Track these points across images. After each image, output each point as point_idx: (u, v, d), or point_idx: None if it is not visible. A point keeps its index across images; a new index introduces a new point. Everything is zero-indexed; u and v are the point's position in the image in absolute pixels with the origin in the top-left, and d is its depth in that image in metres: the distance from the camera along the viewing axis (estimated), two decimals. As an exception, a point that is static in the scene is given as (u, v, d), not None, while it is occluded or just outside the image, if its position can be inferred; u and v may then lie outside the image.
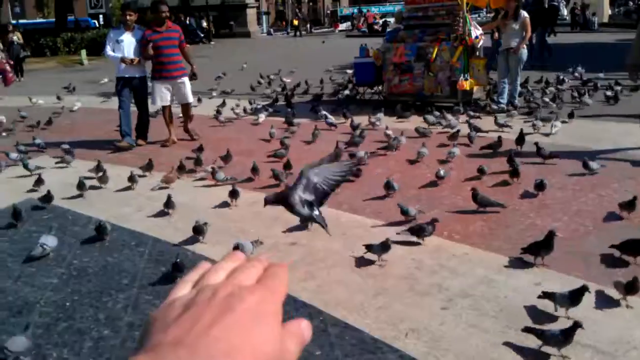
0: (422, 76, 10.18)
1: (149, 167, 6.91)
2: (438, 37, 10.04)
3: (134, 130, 8.62)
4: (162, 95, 8.42)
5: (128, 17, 8.23)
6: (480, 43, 10.18)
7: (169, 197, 5.57)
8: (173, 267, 4.24)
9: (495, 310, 3.67)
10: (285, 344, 0.50)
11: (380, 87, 11.32)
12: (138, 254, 4.79)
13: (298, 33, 39.25)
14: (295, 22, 40.39)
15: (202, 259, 3.68)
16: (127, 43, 8.19)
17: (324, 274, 4.32)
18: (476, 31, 10.18)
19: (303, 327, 0.53)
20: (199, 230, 4.84)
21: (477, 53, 10.10)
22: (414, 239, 4.68)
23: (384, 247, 4.33)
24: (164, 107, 8.62)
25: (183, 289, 0.54)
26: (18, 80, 17.60)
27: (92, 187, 6.45)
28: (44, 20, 39.42)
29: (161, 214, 5.64)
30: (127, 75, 8.32)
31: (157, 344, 0.46)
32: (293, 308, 3.82)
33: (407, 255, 4.48)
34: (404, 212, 5.11)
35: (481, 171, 6.26)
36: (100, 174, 6.61)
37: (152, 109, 8.92)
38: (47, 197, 5.90)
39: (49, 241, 4.72)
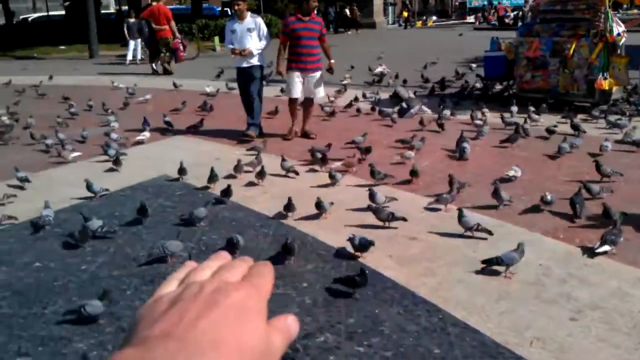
0: (557, 73, 9.68)
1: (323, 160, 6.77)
2: (577, 33, 9.50)
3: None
4: (294, 87, 8.19)
5: (237, 7, 8.14)
6: (623, 40, 9.51)
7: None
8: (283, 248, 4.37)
9: (628, 326, 3.44)
10: (270, 338, 0.50)
11: (510, 82, 10.91)
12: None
13: (408, 25, 39.05)
14: (405, 14, 40.00)
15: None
16: (240, 33, 8.11)
17: (444, 271, 4.24)
18: (618, 28, 9.51)
19: (289, 323, 0.54)
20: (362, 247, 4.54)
21: (619, 51, 9.45)
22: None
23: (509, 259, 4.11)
24: (291, 100, 8.39)
25: (169, 287, 0.55)
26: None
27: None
28: (182, 6, 41.40)
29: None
30: (242, 66, 8.27)
31: (145, 338, 0.46)
32: (412, 302, 3.79)
33: (534, 261, 4.28)
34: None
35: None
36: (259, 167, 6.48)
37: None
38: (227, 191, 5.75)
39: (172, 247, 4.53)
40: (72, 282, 4.22)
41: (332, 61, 8.44)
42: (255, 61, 8.24)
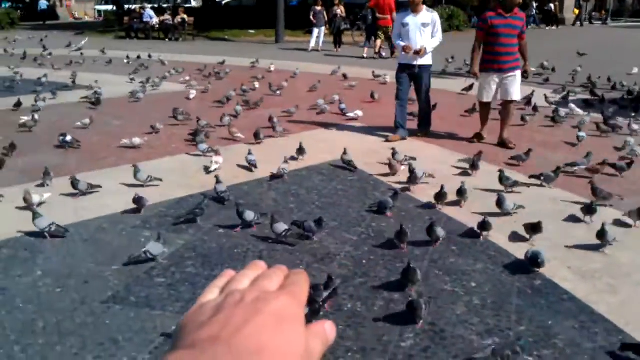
0: None
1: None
2: None
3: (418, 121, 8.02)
4: (488, 89, 7.41)
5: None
6: None
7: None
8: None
9: None
10: (309, 343, 0.53)
11: None
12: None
13: (579, 23, 36.14)
14: (576, 12, 36.95)
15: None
16: (412, 27, 7.44)
17: (629, 290, 3.91)
18: None
19: (327, 328, 0.56)
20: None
21: None
22: None
23: None
24: (483, 104, 7.62)
25: (210, 295, 0.58)
26: (336, 51, 19.18)
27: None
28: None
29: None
30: (410, 63, 7.59)
31: (194, 341, 0.49)
32: (589, 319, 3.55)
33: None
34: None
35: None
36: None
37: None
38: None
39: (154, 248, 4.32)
40: (250, 251, 4.50)
41: (529, 63, 7.69)
42: (427, 61, 7.66)
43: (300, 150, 6.74)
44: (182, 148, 7.34)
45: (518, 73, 7.36)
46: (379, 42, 17.67)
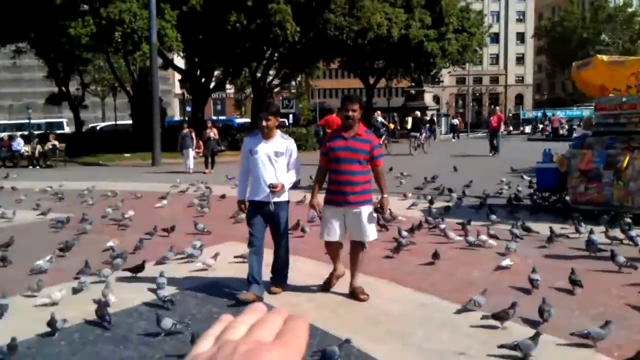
0: (610, 185, 9.51)
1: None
2: (630, 145, 9.40)
3: (272, 273, 6.21)
4: (329, 227, 5.88)
5: (265, 123, 5.91)
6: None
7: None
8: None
9: None
10: None
11: (563, 194, 10.76)
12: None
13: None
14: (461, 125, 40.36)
15: None
16: (262, 155, 5.94)
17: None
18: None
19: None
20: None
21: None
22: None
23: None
24: (328, 243, 6.03)
25: (206, 343, 0.57)
26: (208, 172, 19.38)
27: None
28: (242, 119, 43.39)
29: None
30: (257, 199, 5.99)
31: None
32: None
33: None
34: None
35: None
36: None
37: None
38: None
39: None
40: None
41: (386, 195, 5.93)
42: (284, 197, 6.05)
43: None
44: None
45: (366, 209, 5.80)
46: None
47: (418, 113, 32.29)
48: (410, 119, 30.76)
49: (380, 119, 26.64)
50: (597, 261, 6.89)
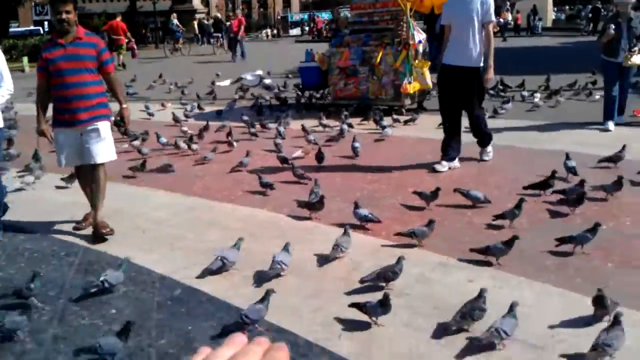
0: (367, 80, 10.24)
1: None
2: (382, 42, 10.12)
3: None
4: (66, 152, 5.13)
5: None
6: (422, 47, 10.31)
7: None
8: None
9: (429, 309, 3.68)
10: None
11: (326, 91, 11.36)
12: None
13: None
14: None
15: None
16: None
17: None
18: (419, 35, 10.33)
19: None
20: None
21: (420, 57, 10.21)
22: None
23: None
24: (76, 170, 5.45)
25: None
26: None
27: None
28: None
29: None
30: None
31: None
32: (227, 314, 3.74)
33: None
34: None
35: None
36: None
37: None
38: None
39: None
40: None
41: (125, 106, 5.31)
42: None
43: None
44: None
45: (101, 125, 5.06)
46: (121, 57, 21.62)
47: (219, 15, 35.16)
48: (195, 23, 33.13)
49: (175, 21, 28.12)
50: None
